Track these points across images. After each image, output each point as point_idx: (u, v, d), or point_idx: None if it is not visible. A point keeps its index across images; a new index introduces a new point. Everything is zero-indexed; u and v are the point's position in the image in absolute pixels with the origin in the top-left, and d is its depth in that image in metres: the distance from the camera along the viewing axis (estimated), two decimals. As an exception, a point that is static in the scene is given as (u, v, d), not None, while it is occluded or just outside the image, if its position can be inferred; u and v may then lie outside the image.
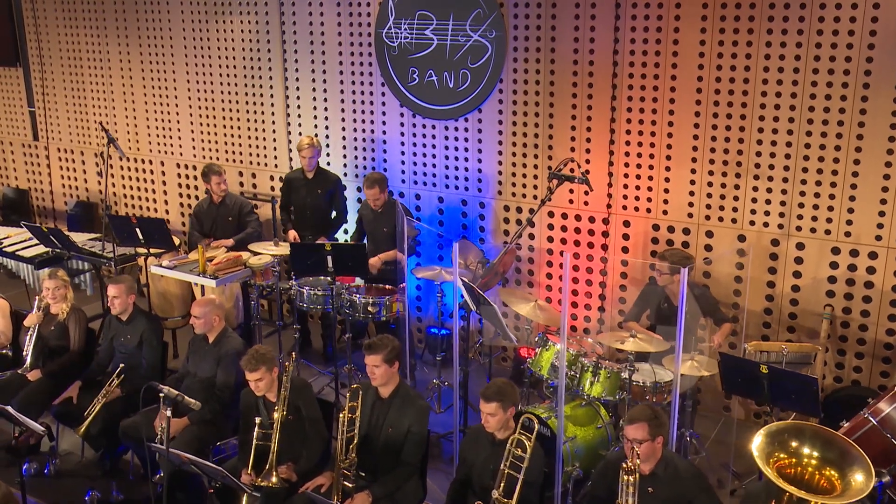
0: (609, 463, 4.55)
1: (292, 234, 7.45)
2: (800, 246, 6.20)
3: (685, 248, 6.52)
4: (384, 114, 7.72)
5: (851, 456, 3.39)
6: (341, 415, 4.85)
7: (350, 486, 4.86)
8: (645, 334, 5.68)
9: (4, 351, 6.85)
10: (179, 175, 9.16)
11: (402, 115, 7.63)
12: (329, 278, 6.41)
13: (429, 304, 7.88)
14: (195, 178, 9.04)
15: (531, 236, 7.23)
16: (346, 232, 7.85)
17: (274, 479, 4.97)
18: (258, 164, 8.56)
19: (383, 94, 7.67)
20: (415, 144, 7.64)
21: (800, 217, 6.15)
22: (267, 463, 5.02)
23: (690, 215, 6.54)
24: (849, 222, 6.00)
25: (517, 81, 6.98)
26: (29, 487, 5.32)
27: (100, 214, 9.81)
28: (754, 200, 6.28)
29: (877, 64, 5.67)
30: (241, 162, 8.62)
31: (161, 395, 4.77)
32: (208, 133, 8.81)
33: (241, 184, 8.65)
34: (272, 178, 8.50)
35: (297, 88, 8.12)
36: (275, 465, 5.02)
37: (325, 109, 8.03)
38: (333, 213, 7.67)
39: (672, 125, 6.44)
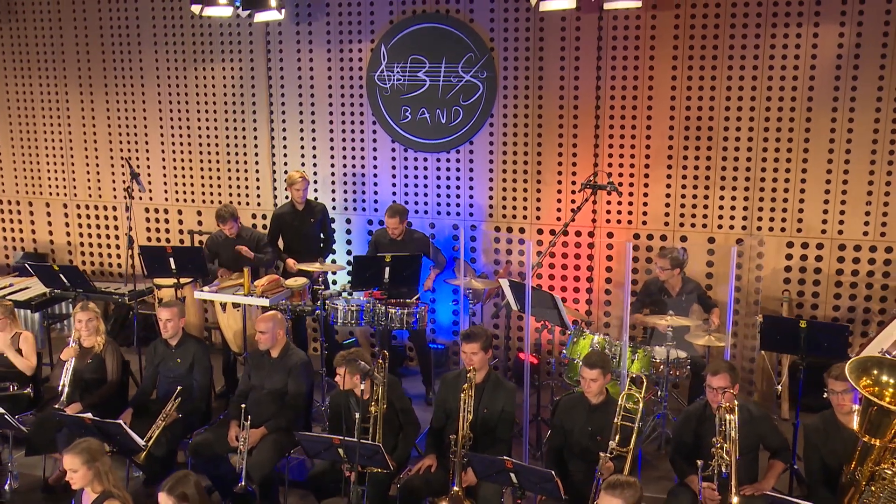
0: (690, 414, 5.42)
1: (291, 262, 7.84)
2: (761, 242, 7.46)
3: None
4: (375, 149, 8.37)
5: None
6: (462, 395, 5.42)
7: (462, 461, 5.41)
8: (646, 322, 6.74)
9: (27, 391, 6.78)
10: (148, 220, 9.25)
11: (393, 149, 8.31)
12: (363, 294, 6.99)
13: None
14: (166, 220, 9.19)
15: (521, 252, 8.08)
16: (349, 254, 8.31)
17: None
18: (239, 202, 8.88)
19: (374, 131, 8.32)
20: (406, 176, 8.33)
21: (759, 218, 7.43)
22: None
23: (667, 223, 7.67)
24: (799, 220, 7.34)
25: (507, 115, 7.90)
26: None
27: (52, 264, 9.62)
28: (721, 207, 7.51)
29: (817, 91, 7.09)
30: (220, 202, 8.88)
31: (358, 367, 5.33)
32: (182, 175, 9.02)
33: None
34: (254, 217, 8.85)
35: (284, 129, 8.60)
36: (381, 454, 5.50)
37: (314, 148, 8.55)
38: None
39: (649, 147, 7.58)
